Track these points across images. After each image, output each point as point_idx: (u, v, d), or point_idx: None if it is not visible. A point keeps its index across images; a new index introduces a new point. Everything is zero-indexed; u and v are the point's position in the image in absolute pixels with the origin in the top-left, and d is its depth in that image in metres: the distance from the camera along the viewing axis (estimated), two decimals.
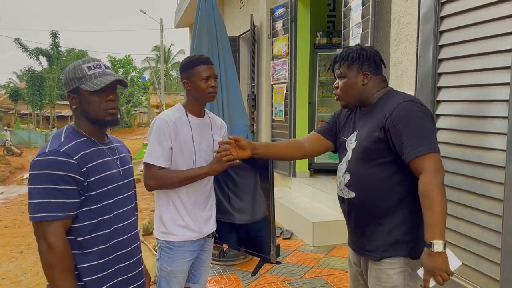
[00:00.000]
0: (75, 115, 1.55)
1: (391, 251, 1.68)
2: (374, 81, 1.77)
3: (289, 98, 5.56)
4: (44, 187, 1.37)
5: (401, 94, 1.73)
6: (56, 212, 1.37)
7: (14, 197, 11.00)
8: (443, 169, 1.60)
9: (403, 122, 1.60)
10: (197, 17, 3.75)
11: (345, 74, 1.78)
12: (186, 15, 10.50)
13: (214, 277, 3.45)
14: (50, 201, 1.37)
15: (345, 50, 1.80)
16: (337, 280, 3.40)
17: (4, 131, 25.28)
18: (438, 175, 1.55)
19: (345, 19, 4.14)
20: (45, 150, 1.42)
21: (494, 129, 2.28)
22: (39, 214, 1.37)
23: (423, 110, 1.64)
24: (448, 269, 1.50)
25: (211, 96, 2.13)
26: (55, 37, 31.95)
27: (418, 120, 1.60)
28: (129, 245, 1.60)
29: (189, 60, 2.15)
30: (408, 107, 1.62)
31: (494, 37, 2.29)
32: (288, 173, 5.73)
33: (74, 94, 1.51)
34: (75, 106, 1.53)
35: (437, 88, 2.72)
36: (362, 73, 1.75)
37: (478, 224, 2.38)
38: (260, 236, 2.19)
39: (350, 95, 1.79)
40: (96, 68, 1.52)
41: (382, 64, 1.80)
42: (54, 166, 1.38)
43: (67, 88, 1.53)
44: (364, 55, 1.75)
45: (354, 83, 1.76)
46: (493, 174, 2.29)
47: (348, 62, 1.76)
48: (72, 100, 1.53)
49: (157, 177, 2.05)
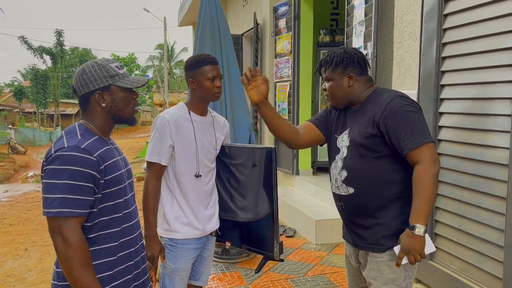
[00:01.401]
0: (91, 114, 1.53)
1: (393, 242, 1.72)
2: (360, 82, 1.82)
3: (292, 96, 5.56)
4: (63, 182, 1.35)
5: (390, 91, 1.79)
6: (73, 209, 1.35)
7: (18, 195, 11.06)
8: (439, 160, 1.66)
9: (398, 116, 1.66)
10: (200, 16, 3.75)
11: (330, 77, 1.84)
12: (190, 13, 10.51)
13: (217, 275, 3.47)
14: (68, 197, 1.35)
15: (329, 53, 1.85)
16: (340, 278, 3.40)
17: (9, 130, 25.40)
18: (435, 165, 1.62)
19: (348, 17, 4.14)
20: (63, 146, 1.39)
21: (497, 127, 2.28)
22: (56, 209, 1.34)
23: (414, 104, 1.71)
24: (423, 252, 1.61)
25: (216, 96, 2.14)
26: (59, 36, 32.06)
27: (411, 114, 1.67)
28: (135, 244, 1.62)
29: (195, 59, 2.15)
30: (401, 103, 1.69)
31: (498, 34, 2.29)
32: (291, 171, 5.73)
33: (104, 92, 1.51)
34: (105, 103, 1.51)
35: (440, 86, 2.71)
36: (347, 75, 1.81)
37: (482, 222, 2.38)
38: (263, 234, 2.20)
39: (337, 97, 1.85)
40: (122, 69, 1.56)
41: (366, 65, 1.86)
42: (75, 162, 1.36)
43: (92, 86, 1.50)
44: (348, 58, 1.80)
45: (340, 85, 1.82)
46: (496, 172, 2.28)
47: (333, 65, 1.82)
48: (101, 98, 1.51)
49: (149, 180, 2.07)
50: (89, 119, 1.54)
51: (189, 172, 2.11)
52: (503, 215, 2.23)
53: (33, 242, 6.31)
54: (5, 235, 6.82)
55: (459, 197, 2.53)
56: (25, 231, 6.95)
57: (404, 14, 3.29)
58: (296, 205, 4.89)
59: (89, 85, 1.50)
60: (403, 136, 1.64)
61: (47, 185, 1.36)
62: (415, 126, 1.65)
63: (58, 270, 1.45)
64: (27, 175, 17.04)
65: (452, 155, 2.58)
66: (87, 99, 1.52)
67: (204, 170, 2.17)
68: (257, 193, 2.18)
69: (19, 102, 35.10)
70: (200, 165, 2.14)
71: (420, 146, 1.63)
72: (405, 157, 1.67)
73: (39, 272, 5.00)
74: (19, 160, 19.95)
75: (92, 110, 1.53)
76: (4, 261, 5.46)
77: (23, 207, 9.16)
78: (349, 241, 1.96)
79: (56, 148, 1.40)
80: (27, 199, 10.13)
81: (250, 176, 2.20)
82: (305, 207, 4.78)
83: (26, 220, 7.81)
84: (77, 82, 1.52)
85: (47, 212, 1.36)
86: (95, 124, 1.53)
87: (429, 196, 1.59)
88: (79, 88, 1.51)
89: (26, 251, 5.88)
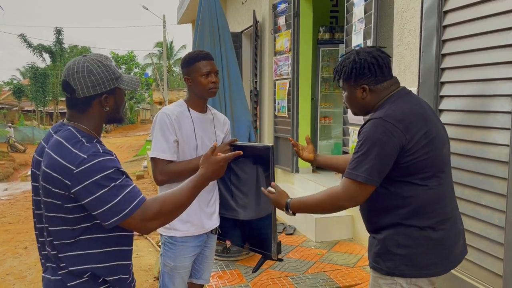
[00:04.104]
0: (88, 116, 1.43)
1: (381, 263, 1.64)
2: (376, 92, 1.66)
3: (291, 93, 5.55)
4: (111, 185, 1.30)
5: (383, 108, 1.61)
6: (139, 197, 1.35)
7: (18, 193, 11.06)
8: (359, 199, 1.57)
9: (360, 140, 1.57)
10: (199, 13, 3.74)
11: (344, 88, 1.75)
12: (189, 11, 10.48)
13: (217, 273, 3.46)
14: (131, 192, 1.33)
15: (340, 61, 1.73)
16: (339, 276, 3.41)
17: (8, 128, 25.35)
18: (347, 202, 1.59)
19: (348, 14, 4.12)
20: (83, 155, 1.30)
21: (497, 124, 2.27)
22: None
23: (382, 134, 1.52)
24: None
25: (212, 91, 2.13)
26: (59, 34, 32.00)
27: (366, 143, 1.54)
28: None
29: (189, 56, 2.15)
30: (372, 126, 1.55)
31: (499, 31, 2.28)
32: (290, 169, 5.72)
33: (110, 95, 1.43)
34: (109, 107, 1.44)
35: (440, 83, 2.71)
36: (359, 87, 1.67)
37: (481, 219, 2.38)
38: (262, 233, 2.19)
39: (353, 107, 1.77)
40: (117, 67, 1.50)
41: (383, 70, 1.65)
42: (109, 165, 1.32)
43: (101, 88, 1.40)
44: (358, 68, 1.64)
45: (354, 97, 1.71)
46: (496, 169, 2.28)
47: (344, 77, 1.71)
48: (107, 102, 1.43)
49: (166, 172, 2.04)
50: (84, 121, 1.43)
51: None
52: (503, 212, 2.23)
53: (32, 240, 6.30)
54: (5, 233, 6.82)
55: (459, 194, 2.52)
56: (25, 229, 6.94)
57: (404, 11, 3.28)
58: None
59: (96, 88, 1.39)
60: (351, 160, 1.58)
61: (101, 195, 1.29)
62: (360, 157, 1.54)
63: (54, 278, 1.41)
64: (27, 173, 17.00)
65: (452, 153, 2.57)
66: (90, 101, 1.41)
67: None
68: (257, 191, 2.18)
69: (18, 101, 35.07)
70: None
71: (345, 177, 1.57)
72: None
73: (39, 270, 5.00)
74: (18, 159, 19.93)
75: (93, 113, 1.43)
76: (4, 260, 5.46)
77: (22, 206, 9.15)
78: None
79: (78, 162, 1.29)
80: (27, 198, 10.11)
81: (250, 174, 2.20)
82: None
83: (25, 218, 7.80)
84: (81, 83, 1.38)
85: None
86: (91, 127, 1.44)
87: (317, 210, 1.75)
88: (83, 89, 1.38)
89: (26, 249, 5.88)
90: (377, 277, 1.67)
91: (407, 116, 1.55)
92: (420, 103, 1.66)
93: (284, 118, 5.77)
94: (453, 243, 1.64)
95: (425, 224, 1.58)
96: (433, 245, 1.59)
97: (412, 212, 1.57)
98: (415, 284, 1.61)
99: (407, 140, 1.52)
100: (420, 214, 1.58)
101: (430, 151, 1.56)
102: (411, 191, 1.57)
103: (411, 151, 1.53)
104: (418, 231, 1.58)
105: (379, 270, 1.65)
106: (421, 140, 1.54)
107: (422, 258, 1.58)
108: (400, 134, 1.51)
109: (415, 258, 1.58)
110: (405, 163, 1.54)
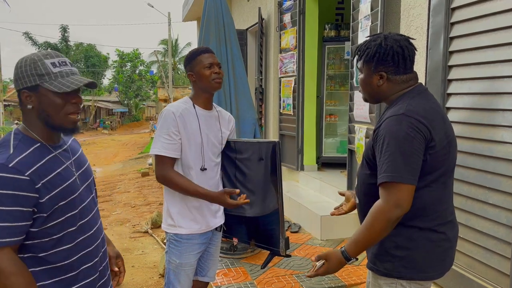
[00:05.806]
0: (28, 116, 1.35)
1: (378, 264, 1.62)
2: (393, 82, 1.58)
3: (297, 91, 5.53)
4: None
5: (403, 103, 1.52)
6: (4, 238, 1.20)
7: None
8: (404, 205, 1.45)
9: (382, 140, 1.47)
10: (204, 11, 3.74)
11: (361, 70, 1.65)
12: (194, 8, 10.48)
13: (222, 270, 3.47)
14: None
15: (366, 41, 1.63)
16: (345, 274, 3.40)
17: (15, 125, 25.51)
18: (395, 210, 1.44)
19: (354, 11, 4.10)
20: None
21: (505, 122, 2.25)
22: None
23: (409, 129, 1.44)
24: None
25: (216, 82, 2.12)
26: (64, 31, 32.13)
27: (394, 142, 1.44)
28: (95, 255, 1.48)
29: (190, 53, 2.20)
30: (393, 124, 1.47)
31: (507, 28, 2.25)
32: (296, 167, 5.72)
33: (30, 92, 1.32)
34: (31, 105, 1.33)
35: (447, 81, 2.68)
36: (377, 73, 1.59)
37: (489, 218, 2.36)
38: (269, 229, 2.19)
39: (366, 92, 1.68)
40: (62, 66, 1.34)
41: (406, 62, 1.57)
42: (2, 184, 1.20)
43: (20, 84, 1.32)
44: (381, 53, 1.55)
45: (369, 82, 1.62)
46: (504, 167, 2.26)
47: (364, 58, 1.61)
48: (27, 99, 1.32)
49: (165, 174, 2.06)
50: (26, 121, 1.36)
51: (194, 166, 2.11)
52: (511, 211, 2.21)
53: None
54: None
55: (466, 192, 2.51)
56: None
57: (410, 8, 3.26)
58: (301, 200, 4.88)
59: (18, 82, 1.33)
60: (379, 164, 1.48)
61: None
62: (392, 157, 1.44)
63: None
64: None
65: (459, 151, 2.54)
66: (20, 98, 1.35)
67: (210, 164, 2.16)
68: (263, 187, 2.17)
69: None
70: (205, 159, 2.13)
71: (383, 182, 1.45)
72: None
73: None
74: None
75: (24, 111, 1.36)
76: None
77: None
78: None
79: None
80: None
81: (256, 171, 2.20)
82: (310, 202, 4.77)
83: None
84: (13, 77, 1.35)
85: None
86: (33, 128, 1.35)
87: (371, 236, 1.49)
88: (14, 83, 1.35)
89: None
90: (377, 277, 1.65)
91: (429, 114, 1.49)
92: (437, 102, 1.62)
93: (289, 116, 5.76)
94: (450, 247, 1.62)
95: (426, 226, 1.55)
96: (432, 247, 1.57)
97: (415, 213, 1.53)
98: (416, 283, 1.60)
99: (431, 137, 1.46)
100: (423, 215, 1.55)
101: (448, 152, 1.52)
102: (416, 192, 1.49)
103: (434, 150, 1.47)
104: (418, 232, 1.56)
105: (376, 271, 1.63)
106: (443, 139, 1.50)
107: (421, 260, 1.56)
108: (426, 130, 1.45)
109: (414, 260, 1.56)
110: (424, 161, 1.48)
